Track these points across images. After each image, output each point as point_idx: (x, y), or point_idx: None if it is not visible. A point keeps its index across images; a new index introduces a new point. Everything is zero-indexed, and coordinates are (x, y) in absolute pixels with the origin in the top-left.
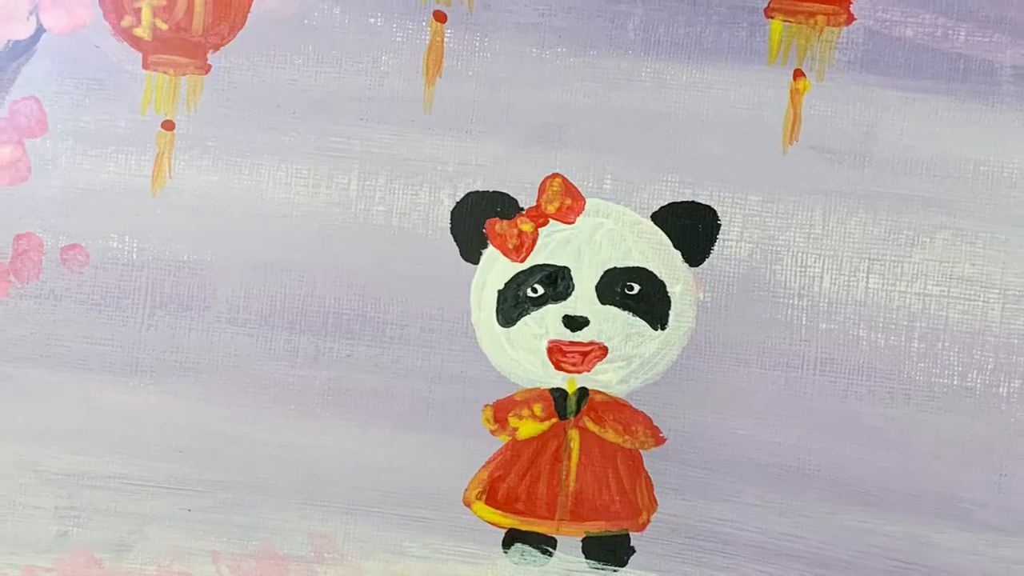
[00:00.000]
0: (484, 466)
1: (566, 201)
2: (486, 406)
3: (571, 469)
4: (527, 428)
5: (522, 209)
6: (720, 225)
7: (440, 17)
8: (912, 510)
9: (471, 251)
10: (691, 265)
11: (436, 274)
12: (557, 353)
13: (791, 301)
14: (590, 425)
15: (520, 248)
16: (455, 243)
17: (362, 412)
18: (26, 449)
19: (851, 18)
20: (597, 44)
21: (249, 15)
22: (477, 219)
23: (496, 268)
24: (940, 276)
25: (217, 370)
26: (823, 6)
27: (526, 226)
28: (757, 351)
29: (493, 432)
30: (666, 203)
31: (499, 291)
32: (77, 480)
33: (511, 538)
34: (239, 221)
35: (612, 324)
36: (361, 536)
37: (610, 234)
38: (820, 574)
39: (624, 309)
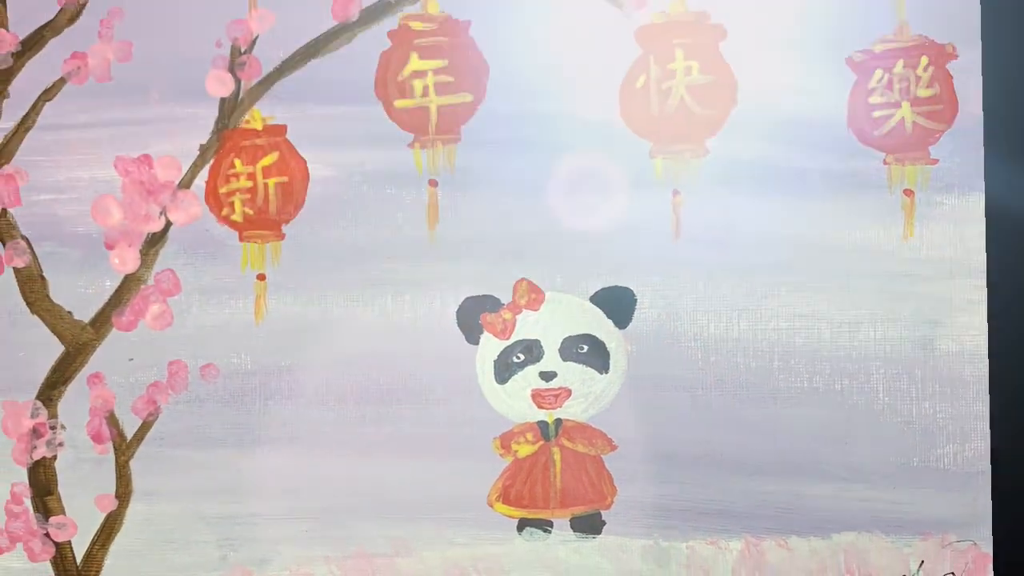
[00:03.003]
0: (499, 478)
1: (532, 296)
2: (495, 438)
3: (557, 473)
4: (524, 449)
5: (503, 304)
6: (636, 299)
7: (433, 183)
8: (787, 473)
9: (472, 336)
10: (620, 328)
11: (451, 355)
12: (538, 398)
13: (689, 344)
14: (566, 443)
15: (505, 330)
16: (461, 332)
17: (412, 452)
18: (191, 503)
19: (707, 151)
20: (540, 189)
21: (307, 197)
22: (474, 315)
23: (490, 346)
24: (787, 315)
25: (312, 436)
26: (688, 146)
27: (507, 315)
28: (671, 380)
29: (502, 455)
30: (599, 289)
31: (494, 361)
32: (229, 520)
33: (522, 524)
34: (316, 335)
35: (572, 374)
36: (423, 535)
37: (564, 314)
38: (730, 524)
39: (579, 363)
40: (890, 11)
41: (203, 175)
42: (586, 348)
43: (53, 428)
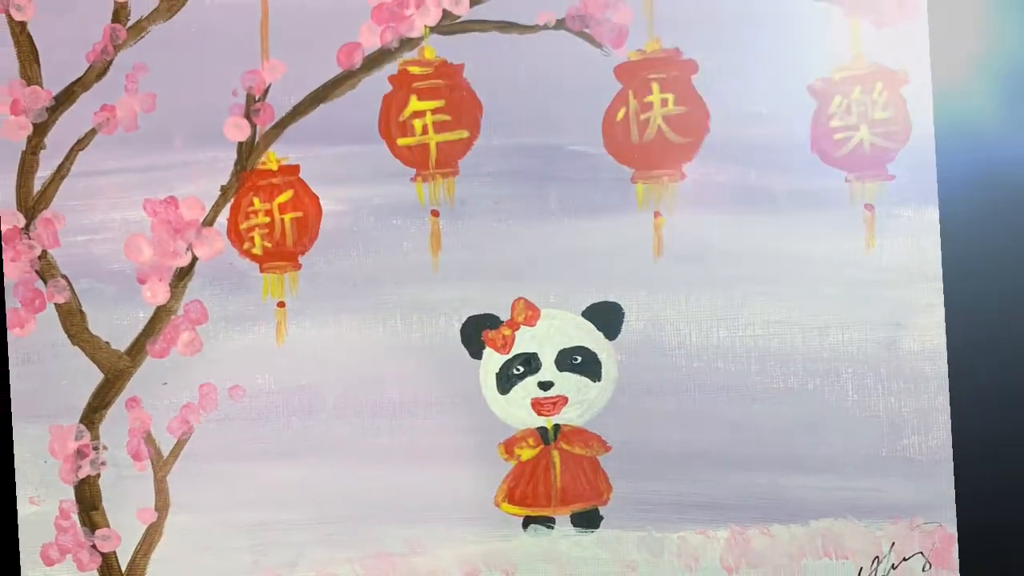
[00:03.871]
0: (504, 480)
1: (528, 313)
2: (499, 444)
3: (557, 474)
4: (526, 453)
5: (502, 321)
6: (624, 313)
7: (435, 214)
8: (767, 467)
9: (476, 351)
10: (610, 340)
11: (456, 369)
12: (537, 406)
13: (674, 352)
14: (564, 446)
15: (505, 345)
16: (465, 348)
17: (424, 459)
18: (224, 513)
19: (684, 176)
20: (533, 215)
21: (320, 230)
22: (476, 331)
23: (492, 360)
24: (762, 323)
25: (331, 447)
26: (666, 171)
27: (507, 331)
28: (657, 386)
29: (506, 459)
30: (589, 304)
31: (496, 374)
32: (259, 527)
33: (527, 522)
34: (332, 355)
35: (568, 383)
36: (436, 535)
37: (558, 328)
38: (718, 515)
39: (574, 372)
40: (846, 42)
41: (225, 213)
42: (580, 359)
43: (96, 449)
